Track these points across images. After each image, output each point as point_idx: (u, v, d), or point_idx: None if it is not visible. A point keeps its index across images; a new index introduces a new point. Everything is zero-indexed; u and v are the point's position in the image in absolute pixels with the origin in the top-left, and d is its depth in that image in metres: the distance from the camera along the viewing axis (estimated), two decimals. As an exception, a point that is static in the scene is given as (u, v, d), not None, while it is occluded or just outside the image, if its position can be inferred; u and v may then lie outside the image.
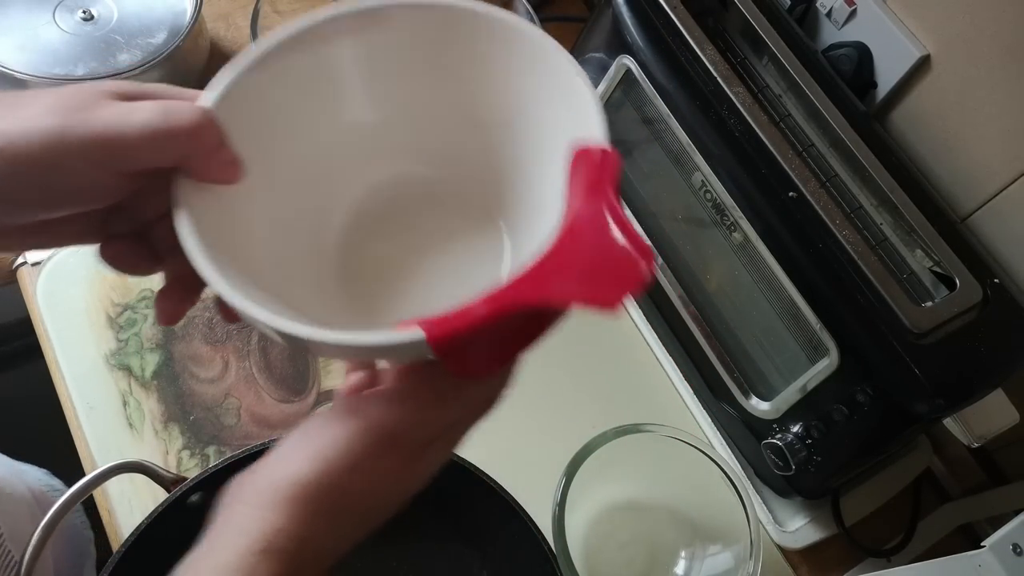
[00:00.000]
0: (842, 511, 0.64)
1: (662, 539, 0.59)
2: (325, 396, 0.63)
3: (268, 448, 0.32)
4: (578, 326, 0.67)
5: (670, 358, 0.69)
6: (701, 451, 0.55)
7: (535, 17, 0.68)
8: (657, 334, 0.70)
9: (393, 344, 0.28)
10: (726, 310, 0.63)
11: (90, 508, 0.56)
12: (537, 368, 0.63)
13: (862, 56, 0.63)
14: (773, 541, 0.64)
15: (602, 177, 0.30)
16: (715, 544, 0.58)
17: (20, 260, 0.62)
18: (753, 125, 0.55)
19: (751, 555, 0.52)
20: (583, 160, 0.32)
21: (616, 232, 0.28)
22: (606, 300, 0.27)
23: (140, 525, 0.48)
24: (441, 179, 0.40)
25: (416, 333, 0.27)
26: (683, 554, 0.59)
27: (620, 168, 0.31)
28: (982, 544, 0.46)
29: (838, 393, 0.54)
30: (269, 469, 0.30)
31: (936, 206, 0.55)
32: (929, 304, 0.52)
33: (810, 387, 0.56)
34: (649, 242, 0.28)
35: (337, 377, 0.63)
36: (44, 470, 0.70)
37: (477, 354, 0.30)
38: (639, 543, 0.60)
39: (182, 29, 0.69)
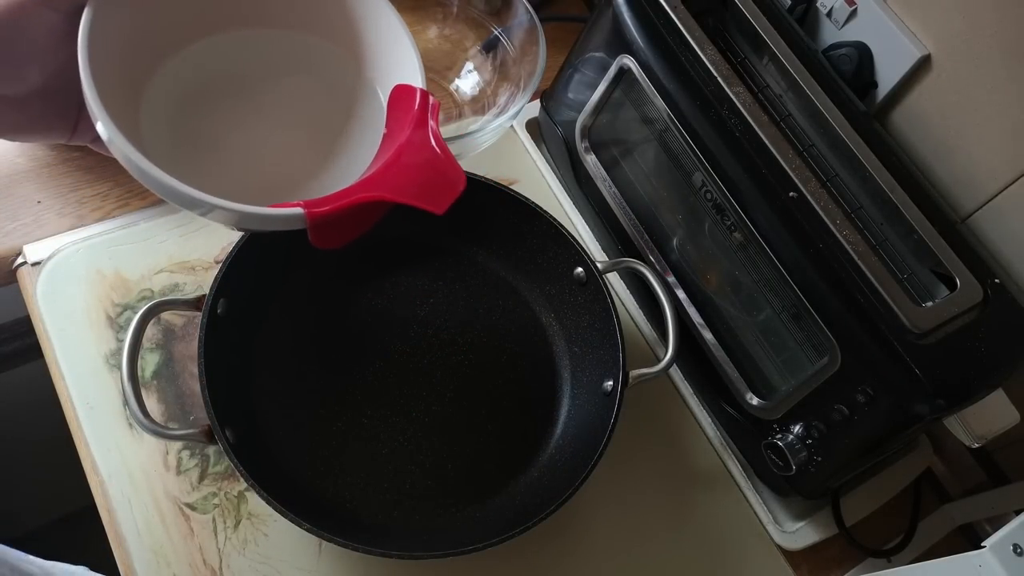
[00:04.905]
0: (842, 511, 0.64)
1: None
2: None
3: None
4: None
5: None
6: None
7: (535, 16, 0.68)
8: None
9: (280, 216, 0.37)
10: (726, 310, 0.63)
11: (90, 508, 0.56)
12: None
13: (862, 56, 0.64)
14: (773, 541, 0.65)
15: (425, 112, 0.41)
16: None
17: (20, 260, 0.62)
18: (753, 125, 0.55)
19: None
20: (407, 96, 0.42)
21: (442, 154, 0.39)
22: (438, 204, 0.38)
23: (201, 350, 0.52)
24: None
25: (298, 211, 0.37)
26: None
27: (438, 107, 0.42)
28: (982, 544, 0.46)
29: (838, 393, 0.55)
30: None
31: (936, 206, 0.55)
32: (929, 304, 0.52)
33: (810, 387, 0.56)
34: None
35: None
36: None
37: (334, 231, 0.39)
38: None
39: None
